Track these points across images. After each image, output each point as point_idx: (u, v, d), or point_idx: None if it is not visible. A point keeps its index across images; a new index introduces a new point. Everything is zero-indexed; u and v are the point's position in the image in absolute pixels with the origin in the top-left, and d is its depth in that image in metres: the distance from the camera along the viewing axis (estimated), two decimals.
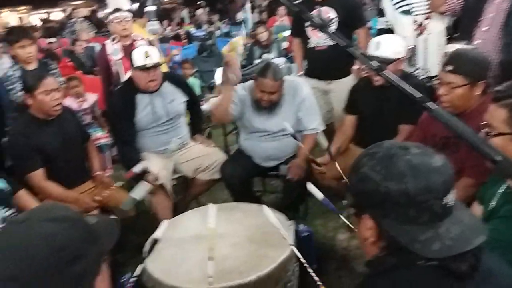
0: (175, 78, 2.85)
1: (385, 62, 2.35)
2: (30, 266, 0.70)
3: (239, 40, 6.59)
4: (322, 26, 1.30)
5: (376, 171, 0.84)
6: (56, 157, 2.36)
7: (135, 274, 1.33)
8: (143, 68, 2.51)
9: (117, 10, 3.41)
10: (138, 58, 2.52)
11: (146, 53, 2.52)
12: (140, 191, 2.39)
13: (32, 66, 2.91)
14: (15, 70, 2.87)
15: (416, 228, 0.82)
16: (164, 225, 1.88)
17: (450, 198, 0.83)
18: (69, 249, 0.73)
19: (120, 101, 2.63)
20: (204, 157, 2.76)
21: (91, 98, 3.82)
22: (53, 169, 2.34)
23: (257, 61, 5.54)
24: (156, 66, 2.55)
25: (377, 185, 0.83)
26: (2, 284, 0.70)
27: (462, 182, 1.80)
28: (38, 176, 2.29)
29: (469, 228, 0.84)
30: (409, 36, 3.03)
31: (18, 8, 17.54)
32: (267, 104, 2.53)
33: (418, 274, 0.82)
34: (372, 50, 2.43)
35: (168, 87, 2.71)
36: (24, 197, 2.08)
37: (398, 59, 2.39)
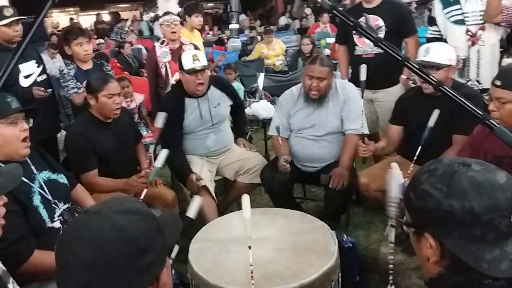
0: (221, 82, 2.90)
1: (434, 67, 2.29)
2: (104, 256, 0.73)
3: (261, 44, 6.71)
4: (377, 40, 1.28)
5: (437, 188, 0.82)
6: (110, 157, 2.44)
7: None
8: (192, 71, 2.57)
9: (166, 13, 3.49)
10: (187, 62, 2.58)
11: (195, 57, 2.58)
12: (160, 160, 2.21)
13: (88, 66, 3.00)
14: (70, 68, 2.98)
15: (481, 247, 0.79)
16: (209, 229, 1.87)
17: None
18: (139, 241, 0.75)
19: (169, 105, 2.69)
20: (245, 161, 2.79)
21: (139, 98, 3.95)
22: (106, 168, 2.42)
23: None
24: (204, 69, 2.60)
25: (439, 203, 0.81)
26: (77, 272, 0.73)
27: None
28: (92, 174, 2.37)
29: None
30: (461, 47, 2.95)
31: (67, 9, 18.33)
32: (315, 94, 2.57)
33: None
34: (421, 56, 2.38)
35: (214, 91, 2.76)
36: (81, 192, 2.16)
37: (448, 66, 2.33)
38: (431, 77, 1.22)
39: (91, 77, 2.53)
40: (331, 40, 6.60)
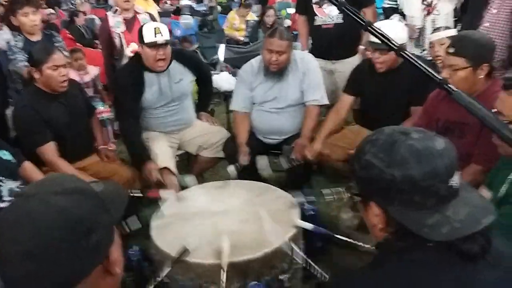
0: (184, 56, 2.76)
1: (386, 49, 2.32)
2: (46, 242, 0.68)
3: (234, 15, 6.48)
4: (341, 5, 1.27)
5: (379, 158, 0.84)
6: (63, 132, 2.33)
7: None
8: (153, 45, 2.44)
9: None
10: (148, 34, 2.43)
11: (157, 30, 2.42)
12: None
13: (37, 37, 2.84)
14: (17, 40, 2.81)
15: (423, 213, 0.82)
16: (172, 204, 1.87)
17: (455, 180, 0.83)
18: (83, 222, 0.71)
19: (127, 78, 2.57)
20: (208, 135, 2.76)
21: (93, 71, 3.78)
22: (59, 143, 2.31)
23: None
24: (166, 43, 2.48)
25: (381, 172, 0.82)
26: (18, 262, 0.68)
27: (470, 169, 1.81)
28: (50, 150, 2.26)
29: (477, 208, 0.84)
30: (416, 16, 3.00)
31: None
32: (275, 68, 2.55)
33: (430, 254, 0.83)
34: (372, 37, 2.40)
35: (175, 66, 2.64)
36: (29, 169, 2.08)
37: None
38: (393, 42, 1.21)
39: (33, 48, 2.37)
40: (292, 10, 6.55)
